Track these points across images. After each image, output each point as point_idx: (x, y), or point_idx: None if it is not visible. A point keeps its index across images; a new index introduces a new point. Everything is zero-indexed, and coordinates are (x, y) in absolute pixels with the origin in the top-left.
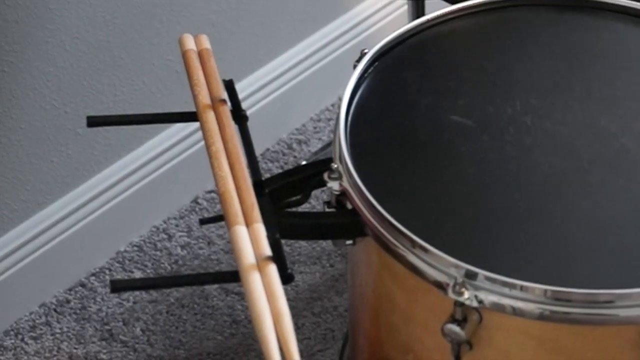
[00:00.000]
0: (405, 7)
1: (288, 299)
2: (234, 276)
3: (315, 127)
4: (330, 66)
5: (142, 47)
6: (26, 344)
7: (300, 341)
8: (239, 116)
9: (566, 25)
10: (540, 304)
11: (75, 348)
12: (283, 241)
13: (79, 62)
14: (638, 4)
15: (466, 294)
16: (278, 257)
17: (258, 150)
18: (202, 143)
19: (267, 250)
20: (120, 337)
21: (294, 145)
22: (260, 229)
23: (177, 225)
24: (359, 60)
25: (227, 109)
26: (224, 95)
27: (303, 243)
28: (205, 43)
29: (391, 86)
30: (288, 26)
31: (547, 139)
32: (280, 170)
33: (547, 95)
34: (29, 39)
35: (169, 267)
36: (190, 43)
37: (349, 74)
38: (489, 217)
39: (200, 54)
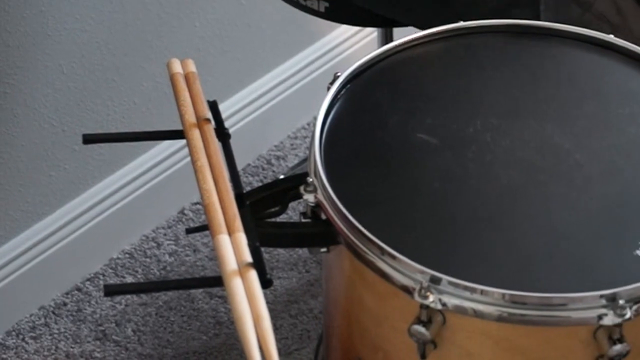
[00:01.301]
0: (375, 33)
1: (267, 302)
2: (217, 281)
3: (292, 144)
4: (305, 88)
5: (133, 71)
6: (27, 343)
7: (278, 341)
8: (222, 134)
9: (523, 51)
10: (499, 307)
11: (72, 347)
12: (262, 249)
13: (75, 84)
14: (588, 30)
15: (431, 298)
16: (258, 263)
17: (240, 165)
18: (188, 159)
19: (248, 257)
20: (113, 337)
21: (273, 161)
22: (242, 238)
23: (165, 235)
24: (332, 83)
25: (211, 127)
26: (209, 114)
27: (281, 250)
28: (191, 67)
29: (362, 106)
30: (267, 51)
31: (505, 155)
32: (260, 184)
33: (505, 115)
34: (29, 63)
35: (157, 273)
36: (177, 67)
37: (323, 96)
38: (452, 227)
39: (186, 77)
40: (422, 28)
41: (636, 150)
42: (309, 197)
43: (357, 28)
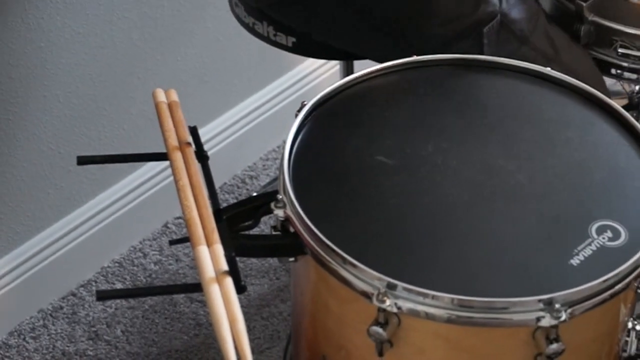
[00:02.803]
0: (338, 66)
1: (241, 306)
2: (197, 287)
3: (264, 165)
4: (276, 115)
5: (122, 100)
6: (27, 342)
7: (252, 340)
8: (202, 156)
9: (470, 82)
10: (448, 310)
11: (67, 346)
12: (237, 258)
13: (71, 112)
14: (527, 63)
15: (387, 302)
16: (233, 271)
17: (217, 184)
18: (171, 178)
19: (225, 266)
20: (104, 337)
21: (247, 180)
22: (219, 249)
23: (150, 246)
24: (299, 110)
25: (192, 150)
26: (190, 139)
27: (254, 260)
28: (174, 96)
29: (326, 131)
30: (241, 82)
31: (454, 175)
32: (235, 201)
33: (454, 139)
34: (29, 93)
35: (144, 280)
36: (161, 96)
37: (291, 122)
38: (407, 239)
39: (169, 105)
40: (380, 61)
41: (570, 171)
42: (279, 212)
43: (321, 61)
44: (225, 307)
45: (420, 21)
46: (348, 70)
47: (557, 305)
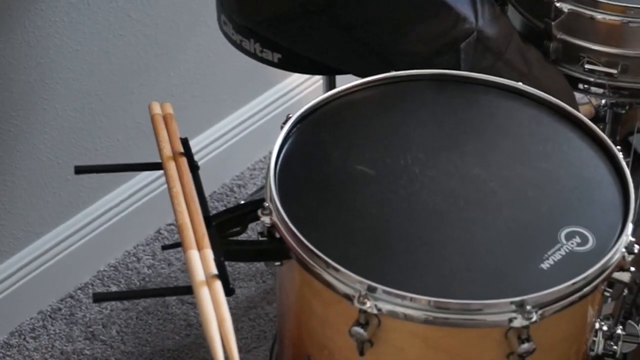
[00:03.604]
0: (321, 81)
1: (230, 308)
2: (188, 290)
3: (251, 175)
4: (262, 127)
5: (117, 113)
6: (27, 342)
7: (239, 340)
8: (193, 166)
9: (447, 96)
10: (426, 311)
11: (65, 346)
12: (226, 263)
13: (69, 125)
14: (501, 79)
15: (368, 304)
16: (222, 275)
17: (207, 192)
18: (164, 186)
19: (214, 270)
20: (100, 337)
21: (235, 189)
22: (209, 253)
23: (144, 251)
24: (285, 123)
25: (185, 160)
26: (182, 149)
27: (242, 264)
28: (169, 109)
29: (310, 143)
30: (230, 96)
31: (431, 184)
32: (224, 208)
33: (431, 150)
34: (30, 107)
35: (138, 283)
36: (157, 109)
37: (277, 134)
38: (386, 244)
39: (164, 117)
40: (362, 77)
41: (541, 180)
42: (266, 219)
43: (305, 76)
44: (215, 308)
45: (401, 39)
46: (331, 84)
47: (528, 307)
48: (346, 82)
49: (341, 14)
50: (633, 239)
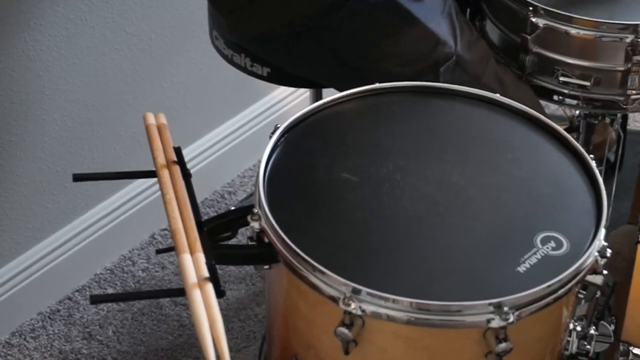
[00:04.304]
0: (308, 93)
1: (220, 309)
2: (181, 292)
3: (241, 182)
4: (252, 137)
5: (113, 123)
6: (27, 342)
7: (230, 340)
8: (185, 174)
9: (426, 106)
10: (408, 313)
11: (64, 345)
12: (217, 266)
13: (67, 134)
14: (478, 90)
15: (353, 305)
16: (213, 278)
17: (199, 199)
18: (158, 193)
19: (206, 273)
20: (97, 337)
21: (226, 195)
22: (201, 257)
23: (139, 255)
24: (273, 133)
25: (178, 168)
26: (175, 158)
27: (232, 267)
28: (163, 119)
29: (297, 152)
30: (221, 107)
31: (412, 191)
32: (215, 214)
33: (412, 158)
34: (29, 116)
35: (133, 286)
36: (151, 119)
37: (265, 143)
38: (370, 248)
39: (158, 128)
40: (345, 89)
41: (517, 187)
42: (255, 224)
43: (293, 89)
44: (206, 310)
45: (382, 61)
46: (317, 96)
47: (505, 309)
48: (332, 94)
49: (325, 34)
50: (606, 244)
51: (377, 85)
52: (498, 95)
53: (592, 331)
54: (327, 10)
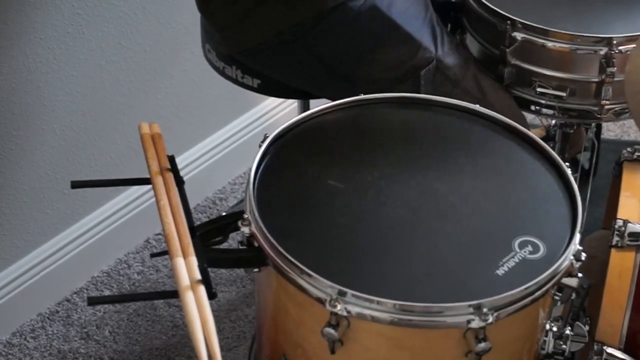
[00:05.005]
0: (296, 104)
1: (212, 310)
2: (174, 294)
3: (232, 189)
4: (242, 145)
5: (110, 132)
6: (27, 342)
7: (221, 340)
8: (179, 181)
9: (409, 117)
10: (391, 314)
11: (62, 345)
12: (209, 269)
13: (66, 143)
14: (458, 101)
15: (339, 307)
16: (206, 280)
17: (191, 205)
18: (153, 199)
19: (198, 276)
20: (94, 337)
21: (217, 202)
22: (194, 261)
23: (134, 258)
24: (263, 142)
25: (171, 175)
26: (169, 166)
27: (223, 270)
28: (157, 129)
29: (286, 160)
30: (213, 117)
31: (396, 197)
32: (207, 219)
33: (396, 166)
34: (30, 126)
35: (128, 288)
36: (146, 128)
37: (255, 151)
38: (355, 252)
39: (153, 137)
40: (333, 100)
41: (496, 194)
42: (245, 229)
43: (281, 100)
44: (199, 311)
45: (366, 67)
46: (305, 107)
47: (485, 310)
48: (319, 104)
49: (312, 43)
50: (580, 248)
51: (363, 96)
52: (478, 105)
53: (567, 331)
54: (314, 19)
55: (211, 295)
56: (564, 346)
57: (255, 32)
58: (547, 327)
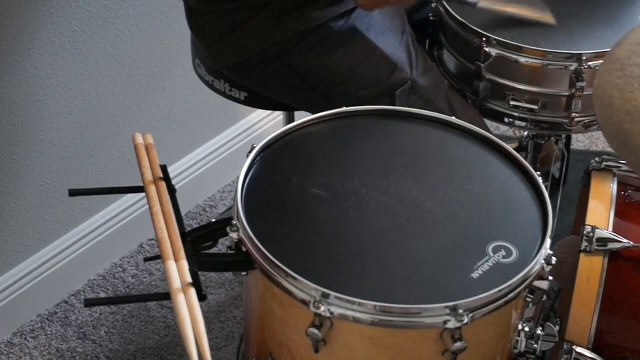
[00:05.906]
0: (282, 116)
1: (202, 312)
2: (167, 296)
3: (221, 197)
4: (231, 156)
5: (105, 143)
6: (28, 341)
7: (211, 340)
8: (171, 189)
9: (388, 128)
10: (372, 315)
11: (61, 344)
12: (200, 272)
13: (64, 153)
14: (434, 113)
15: (322, 308)
16: (196, 283)
17: (183, 212)
18: (145, 208)
19: (189, 279)
20: (91, 337)
21: (207, 209)
22: (185, 265)
23: (129, 262)
24: (250, 152)
25: (164, 184)
26: (162, 175)
27: (213, 274)
28: (150, 140)
29: (272, 169)
30: (202, 129)
31: (376, 205)
32: (198, 226)
33: (376, 174)
34: (30, 137)
35: (123, 290)
36: (139, 139)
37: (243, 161)
38: (338, 256)
39: (146, 147)
40: (312, 113)
41: (471, 201)
42: (234, 235)
43: (268, 112)
44: (190, 312)
45: (345, 85)
46: (290, 119)
47: (460, 311)
48: (304, 117)
49: (294, 61)
50: (551, 252)
51: (344, 109)
52: (453, 117)
53: (539, 332)
54: (297, 38)
55: (201, 298)
56: (535, 346)
57: (240, 49)
58: (520, 327)
